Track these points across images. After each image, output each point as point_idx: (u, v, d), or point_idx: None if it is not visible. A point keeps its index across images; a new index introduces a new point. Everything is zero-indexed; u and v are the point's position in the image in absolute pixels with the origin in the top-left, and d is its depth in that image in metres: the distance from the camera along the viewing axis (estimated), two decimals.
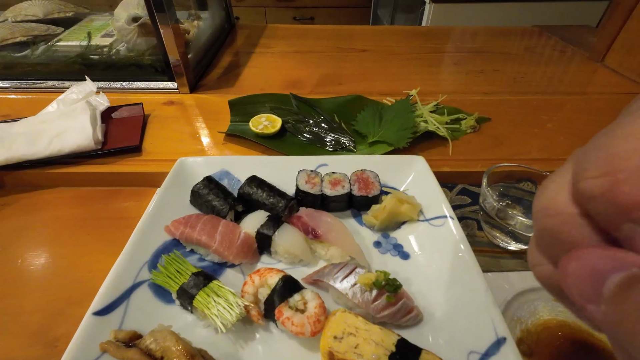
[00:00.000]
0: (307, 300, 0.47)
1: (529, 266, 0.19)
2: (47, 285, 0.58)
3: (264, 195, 0.63)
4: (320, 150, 0.81)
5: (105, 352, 0.43)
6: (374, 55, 1.30)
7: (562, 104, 1.01)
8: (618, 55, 1.17)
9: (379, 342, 0.42)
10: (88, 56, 1.04)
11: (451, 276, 0.53)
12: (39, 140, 0.76)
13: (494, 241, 0.64)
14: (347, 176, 0.66)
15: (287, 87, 1.07)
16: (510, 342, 0.42)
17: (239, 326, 0.48)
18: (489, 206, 0.60)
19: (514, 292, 0.53)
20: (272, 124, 0.83)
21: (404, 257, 0.59)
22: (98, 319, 0.46)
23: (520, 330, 0.49)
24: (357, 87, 1.08)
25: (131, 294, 0.50)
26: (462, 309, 0.49)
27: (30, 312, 0.54)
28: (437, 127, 0.83)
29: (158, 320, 0.47)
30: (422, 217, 0.63)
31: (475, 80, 1.14)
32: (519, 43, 1.41)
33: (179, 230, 0.57)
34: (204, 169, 0.70)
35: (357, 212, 0.66)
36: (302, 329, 0.45)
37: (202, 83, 1.09)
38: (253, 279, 0.50)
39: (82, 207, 0.72)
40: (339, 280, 0.50)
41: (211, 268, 0.56)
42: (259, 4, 3.05)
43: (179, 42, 0.92)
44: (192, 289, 0.49)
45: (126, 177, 0.76)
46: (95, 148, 0.78)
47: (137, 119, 0.88)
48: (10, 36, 1.05)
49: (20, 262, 0.61)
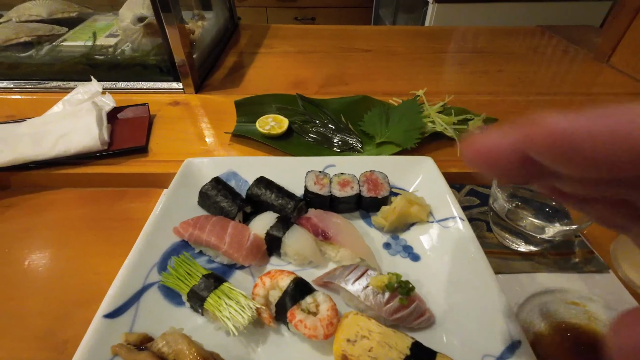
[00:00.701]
0: (319, 303, 0.47)
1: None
2: (53, 287, 0.57)
3: (272, 197, 0.62)
4: (328, 151, 0.81)
5: (117, 355, 0.42)
6: (378, 55, 1.30)
7: (568, 104, 1.00)
8: (624, 56, 1.17)
9: (393, 345, 0.42)
10: (93, 56, 1.04)
11: (463, 278, 0.53)
12: (44, 141, 0.76)
13: (504, 242, 0.63)
14: (356, 177, 0.66)
15: (292, 87, 1.06)
16: (525, 345, 0.42)
17: (250, 329, 0.47)
18: (499, 207, 0.60)
19: (526, 295, 0.52)
20: (278, 125, 0.83)
21: (414, 258, 0.58)
22: (108, 321, 0.45)
23: (534, 333, 0.49)
24: (361, 87, 1.08)
25: (141, 297, 0.49)
26: (474, 312, 0.48)
27: (37, 315, 0.53)
28: (445, 127, 0.83)
29: (169, 322, 0.46)
30: (431, 219, 0.63)
31: (480, 80, 1.14)
32: (523, 43, 1.41)
33: (188, 232, 0.56)
34: (211, 169, 0.69)
35: (366, 214, 0.66)
36: (315, 332, 0.44)
37: (207, 83, 1.08)
38: (264, 281, 0.50)
39: (87, 208, 0.72)
40: (351, 283, 0.50)
41: (220, 270, 0.56)
42: (260, 4, 3.04)
43: (184, 42, 0.92)
44: (203, 291, 0.48)
45: (132, 178, 0.76)
46: (102, 149, 0.77)
47: (142, 120, 0.87)
48: (15, 36, 1.04)
49: (26, 264, 0.61)
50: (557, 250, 0.62)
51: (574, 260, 0.61)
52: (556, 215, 0.62)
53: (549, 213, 0.63)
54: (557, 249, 0.62)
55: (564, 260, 0.61)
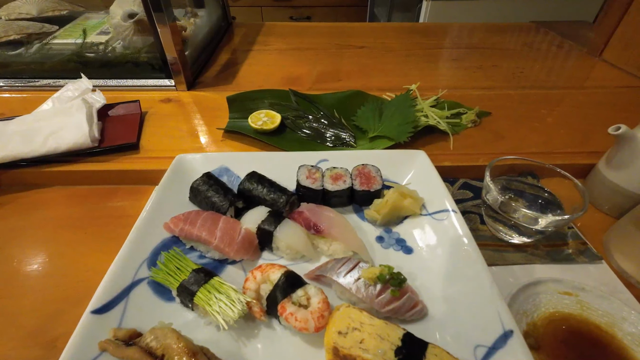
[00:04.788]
0: (311, 296, 0.47)
1: None
2: (44, 285, 0.57)
3: (264, 191, 0.62)
4: (320, 146, 0.80)
5: (105, 350, 0.42)
6: (372, 52, 1.30)
7: (562, 98, 1.01)
8: (616, 50, 1.17)
9: (385, 336, 0.41)
10: (84, 54, 1.03)
11: (455, 270, 0.53)
12: (34, 138, 0.75)
13: (497, 235, 0.63)
14: (349, 171, 0.66)
15: (286, 84, 1.06)
16: (517, 335, 0.42)
17: (241, 323, 0.47)
18: (492, 199, 0.60)
19: (519, 286, 0.52)
20: (271, 120, 0.82)
21: (407, 251, 0.58)
22: (96, 317, 0.45)
23: (527, 324, 0.48)
24: (355, 83, 1.07)
25: (130, 292, 0.49)
26: (467, 303, 0.48)
27: (28, 313, 0.53)
28: (438, 121, 0.82)
29: (158, 318, 0.46)
30: (424, 212, 0.62)
31: (474, 75, 1.14)
32: (517, 39, 1.41)
33: (179, 227, 0.56)
34: (202, 165, 0.69)
35: (359, 208, 0.66)
36: (306, 325, 0.44)
37: (199, 80, 1.08)
38: (255, 274, 0.50)
39: (79, 205, 0.71)
40: (343, 275, 0.49)
41: (212, 265, 0.55)
42: (255, 3, 3.03)
43: (176, 40, 0.91)
44: (192, 285, 0.48)
45: (123, 175, 0.75)
46: (92, 146, 0.76)
47: (134, 117, 0.87)
48: (4, 34, 1.03)
49: (17, 263, 0.60)
50: (550, 242, 0.62)
51: (567, 251, 0.60)
52: (549, 206, 0.62)
53: (542, 204, 0.63)
54: (550, 240, 0.62)
55: (557, 251, 0.61)
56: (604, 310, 0.49)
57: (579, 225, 0.66)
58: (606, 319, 0.49)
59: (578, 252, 0.60)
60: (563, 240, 0.62)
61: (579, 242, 0.62)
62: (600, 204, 0.69)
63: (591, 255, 0.59)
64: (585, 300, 0.50)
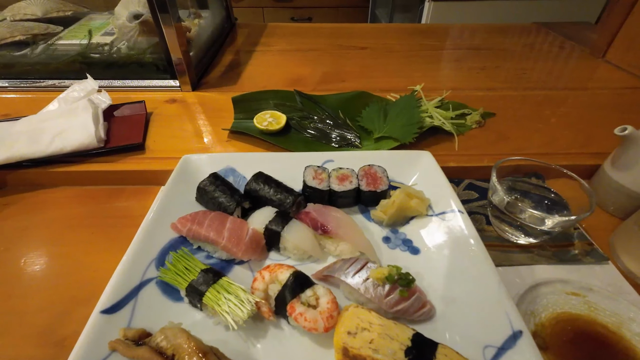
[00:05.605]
0: (319, 296, 0.47)
1: None
2: (51, 285, 0.57)
3: (271, 192, 0.62)
4: (326, 146, 0.81)
5: (115, 350, 0.42)
6: (374, 53, 1.30)
7: (565, 99, 1.01)
8: (619, 51, 1.18)
9: (394, 336, 0.42)
10: (89, 54, 1.03)
11: (463, 270, 0.53)
12: (40, 139, 0.75)
13: (503, 235, 0.63)
14: (355, 171, 0.66)
15: (289, 84, 1.06)
16: (526, 335, 0.42)
17: (249, 323, 0.47)
18: (498, 200, 0.60)
19: (526, 286, 0.52)
20: (276, 121, 0.83)
21: (414, 252, 0.58)
22: (106, 317, 0.45)
23: (535, 324, 0.48)
24: (358, 84, 1.08)
25: (139, 292, 0.49)
26: (475, 303, 0.48)
27: (36, 312, 0.53)
28: (443, 122, 0.83)
29: (167, 318, 0.46)
30: (431, 212, 0.62)
31: (477, 76, 1.14)
32: (519, 40, 1.42)
33: (186, 227, 0.56)
34: (208, 166, 0.69)
35: (365, 208, 0.66)
36: (315, 325, 0.44)
37: (204, 81, 1.08)
38: (263, 275, 0.50)
39: (85, 206, 0.71)
40: (351, 276, 0.50)
41: (219, 265, 0.55)
42: (257, 4, 3.04)
43: (181, 40, 0.92)
44: (201, 285, 0.48)
45: (129, 175, 0.75)
46: (98, 146, 0.77)
47: (139, 117, 0.87)
48: (9, 35, 1.03)
49: (24, 262, 0.60)
50: (556, 242, 0.62)
51: (573, 252, 0.61)
52: (555, 206, 0.62)
53: (548, 205, 0.63)
54: (556, 241, 0.62)
55: (563, 252, 0.61)
56: (611, 311, 0.49)
57: (584, 226, 0.66)
58: (614, 320, 0.49)
59: (584, 252, 0.60)
60: (569, 240, 0.63)
61: (585, 243, 0.62)
62: (606, 204, 0.69)
63: (597, 256, 0.60)
64: (592, 301, 0.50)
